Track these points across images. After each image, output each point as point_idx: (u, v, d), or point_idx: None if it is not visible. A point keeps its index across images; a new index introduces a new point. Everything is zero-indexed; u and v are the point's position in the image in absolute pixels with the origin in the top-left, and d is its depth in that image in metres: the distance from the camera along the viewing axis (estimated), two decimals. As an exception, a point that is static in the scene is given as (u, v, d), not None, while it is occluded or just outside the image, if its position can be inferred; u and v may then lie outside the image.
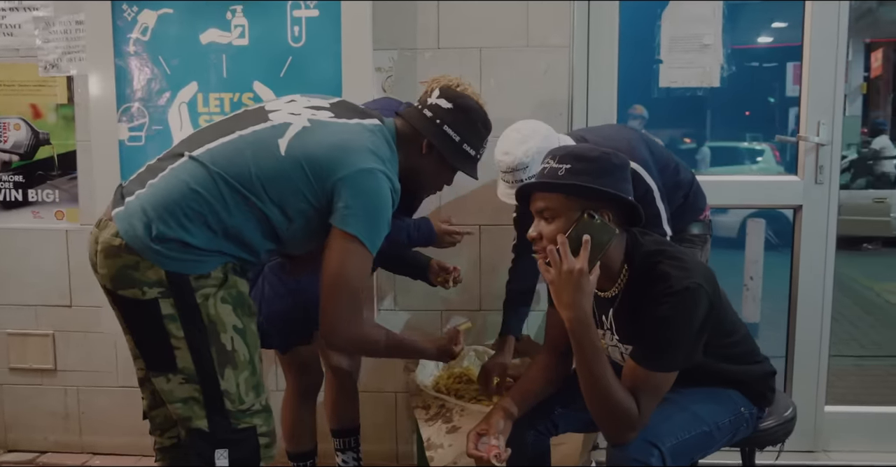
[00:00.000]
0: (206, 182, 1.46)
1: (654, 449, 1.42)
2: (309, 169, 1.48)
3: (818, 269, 2.47)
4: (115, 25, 2.29)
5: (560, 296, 1.40)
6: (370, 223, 1.50)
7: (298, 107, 1.59)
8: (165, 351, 1.48)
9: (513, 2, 2.33)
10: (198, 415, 1.51)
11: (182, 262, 1.45)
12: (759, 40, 10.50)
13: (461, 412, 2.01)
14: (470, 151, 1.70)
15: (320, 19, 2.25)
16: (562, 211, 1.43)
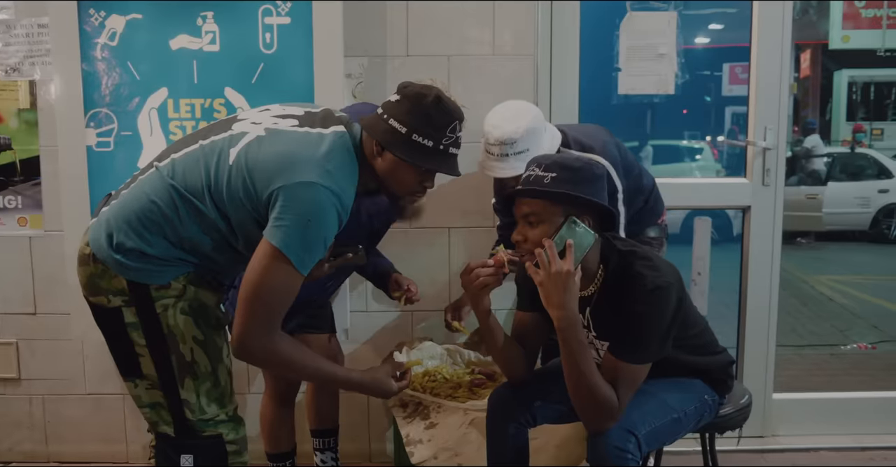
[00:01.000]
0: (162, 193, 1.49)
1: (632, 436, 1.53)
2: (250, 178, 1.45)
3: (766, 266, 2.64)
4: (82, 30, 2.27)
5: (549, 296, 1.49)
6: (300, 239, 1.42)
7: (265, 116, 1.56)
8: (131, 357, 1.53)
9: (480, 12, 2.41)
10: (165, 421, 1.55)
11: (141, 272, 1.48)
12: (696, 41, 10.90)
13: (437, 409, 2.07)
14: (424, 142, 1.51)
15: (292, 26, 2.28)
16: (546, 216, 1.52)
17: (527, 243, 1.54)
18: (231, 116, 1.63)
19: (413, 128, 1.50)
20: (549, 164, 1.54)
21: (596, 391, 1.51)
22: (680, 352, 1.71)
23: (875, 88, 11.69)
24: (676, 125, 12.27)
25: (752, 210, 2.62)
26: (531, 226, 1.54)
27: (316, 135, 1.50)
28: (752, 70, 2.55)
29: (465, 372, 2.27)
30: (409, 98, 1.51)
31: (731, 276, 2.79)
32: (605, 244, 1.62)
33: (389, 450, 2.57)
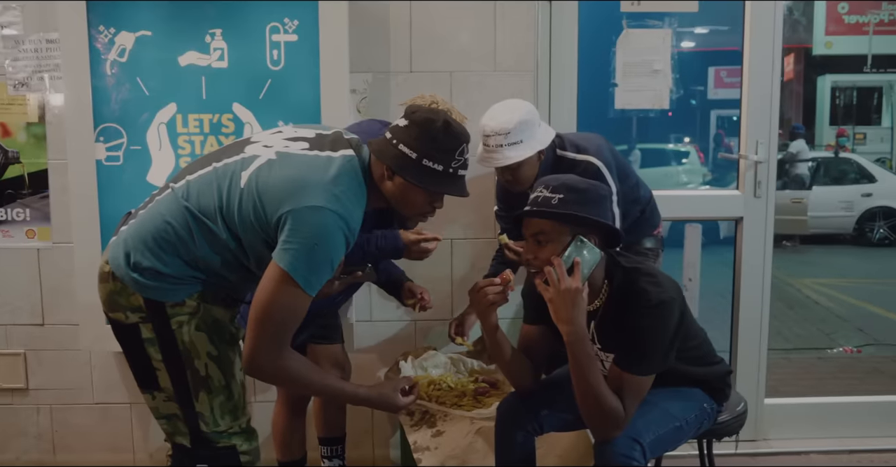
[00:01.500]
0: (177, 214, 1.54)
1: (637, 444, 1.60)
2: (260, 202, 1.48)
3: (758, 275, 2.73)
4: (92, 46, 2.31)
5: (559, 312, 1.56)
6: (307, 262, 1.45)
7: (277, 138, 1.59)
8: (148, 371, 1.59)
9: (481, 30, 2.48)
10: (181, 432, 1.61)
11: (157, 290, 1.53)
12: (681, 45, 11.06)
13: (444, 417, 2.13)
14: (434, 166, 1.54)
15: (299, 43, 2.33)
16: (555, 236, 1.60)
17: (536, 261, 1.61)
18: (244, 139, 1.67)
19: (423, 153, 1.54)
20: (556, 186, 1.61)
21: (603, 401, 1.58)
22: (680, 363, 1.78)
23: (857, 93, 11.89)
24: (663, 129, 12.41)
25: (744, 221, 2.71)
26: (540, 245, 1.61)
27: (325, 158, 1.53)
28: (743, 93, 2.64)
29: (469, 381, 2.33)
30: (418, 124, 1.55)
31: (716, 280, 2.87)
32: (609, 260, 1.69)
33: (393, 456, 2.63)
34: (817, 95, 11.95)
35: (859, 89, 11.83)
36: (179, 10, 2.31)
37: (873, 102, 11.82)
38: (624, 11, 2.61)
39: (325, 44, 2.33)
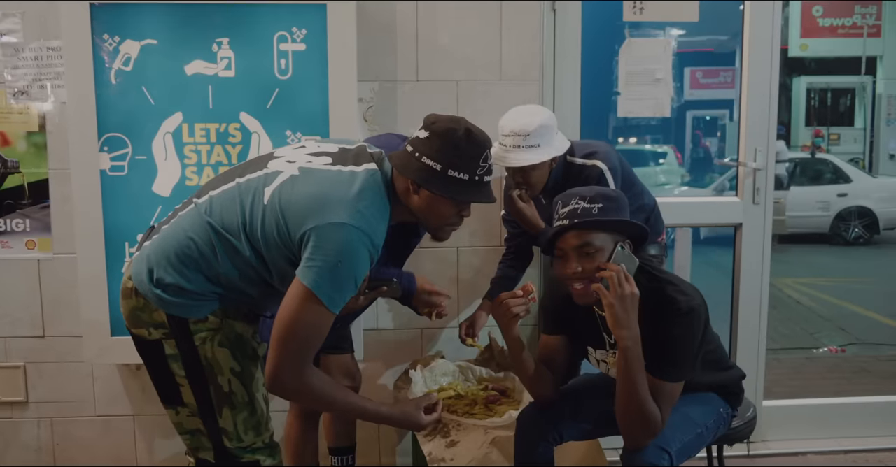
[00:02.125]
0: (200, 230, 1.53)
1: (665, 453, 1.64)
2: (284, 219, 1.48)
3: (756, 280, 2.78)
4: (96, 54, 2.28)
5: (618, 317, 1.58)
6: (331, 280, 1.45)
7: (300, 153, 1.59)
8: (172, 386, 1.59)
9: (487, 40, 2.49)
10: (205, 447, 1.61)
11: (180, 306, 1.53)
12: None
13: (457, 427, 2.13)
14: (460, 176, 1.53)
15: (307, 52, 2.32)
16: (601, 244, 1.64)
17: (585, 272, 1.63)
18: (267, 153, 1.66)
19: (447, 164, 1.52)
20: (592, 196, 1.64)
21: (646, 406, 1.61)
22: (699, 368, 1.82)
23: (832, 94, 12.13)
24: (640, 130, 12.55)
25: (743, 227, 2.76)
26: (588, 257, 1.63)
27: (348, 173, 1.52)
28: (742, 101, 2.69)
29: (479, 389, 2.34)
30: (440, 135, 1.53)
31: (704, 279, 2.91)
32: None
33: (400, 462, 2.63)
34: (793, 97, 12.17)
35: (833, 90, 12.07)
36: (186, 18, 2.28)
37: (847, 103, 12.06)
38: (627, 20, 2.63)
39: (333, 53, 2.32)
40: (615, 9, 2.62)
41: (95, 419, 2.58)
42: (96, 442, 2.59)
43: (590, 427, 1.84)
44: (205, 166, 2.35)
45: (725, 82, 13.12)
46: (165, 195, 2.34)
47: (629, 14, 2.62)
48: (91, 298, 2.37)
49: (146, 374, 2.47)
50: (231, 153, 2.34)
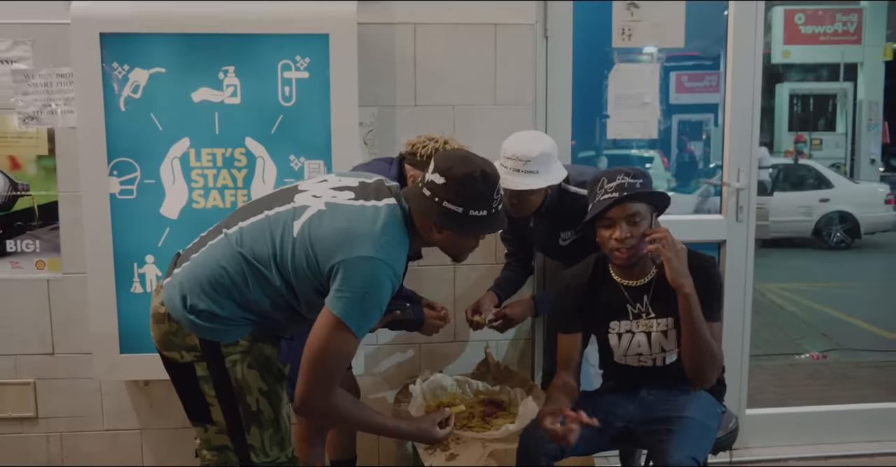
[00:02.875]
0: (231, 260, 1.63)
1: (696, 463, 1.80)
2: (313, 252, 1.58)
3: (740, 293, 2.90)
4: (106, 82, 2.36)
5: (676, 269, 1.85)
6: (359, 309, 1.56)
7: (324, 188, 1.69)
8: (202, 406, 1.68)
9: (483, 66, 2.60)
10: (232, 462, 1.71)
11: (213, 331, 1.63)
12: (644, 51, 11.36)
13: (456, 440, 2.23)
14: (479, 213, 1.65)
15: (310, 80, 2.42)
16: (646, 213, 1.93)
17: (633, 239, 1.90)
18: (292, 186, 1.75)
19: (469, 206, 1.63)
20: (635, 173, 1.93)
21: (711, 344, 1.89)
22: None
23: (814, 100, 12.35)
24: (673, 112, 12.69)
25: (727, 243, 2.88)
26: (635, 225, 1.91)
27: (371, 208, 1.63)
28: (726, 124, 2.82)
29: (476, 402, 2.45)
30: (458, 181, 1.62)
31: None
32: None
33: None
34: (776, 102, 12.37)
35: (815, 96, 12.29)
36: (193, 47, 2.37)
37: (829, 109, 12.28)
38: (615, 47, 2.75)
39: (335, 80, 2.42)
40: (605, 35, 2.73)
41: (103, 433, 2.66)
42: (104, 456, 2.66)
43: (592, 443, 1.96)
44: (211, 190, 2.43)
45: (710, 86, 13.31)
46: (173, 218, 2.43)
47: (618, 41, 2.74)
48: (101, 316, 2.45)
49: (153, 390, 2.61)
50: (237, 177, 2.43)
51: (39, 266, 2.57)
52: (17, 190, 2.54)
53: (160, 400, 2.64)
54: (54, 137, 2.52)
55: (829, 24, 11.61)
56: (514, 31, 2.59)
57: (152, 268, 2.44)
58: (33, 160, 2.53)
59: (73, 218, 2.52)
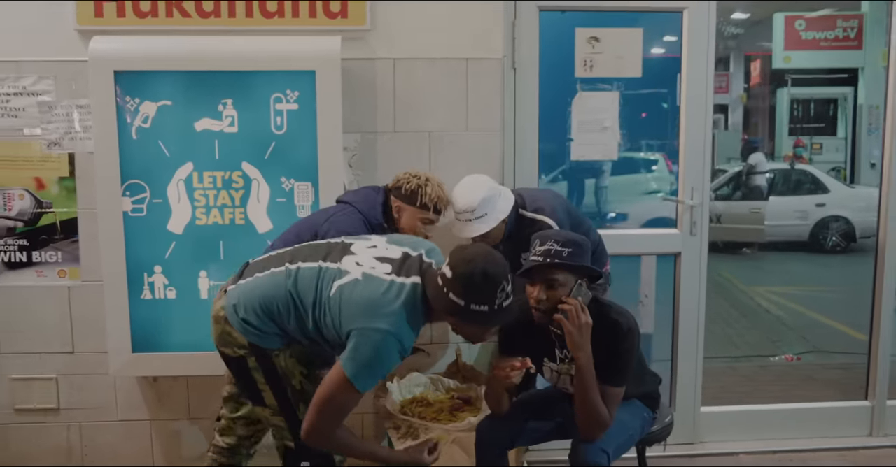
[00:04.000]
0: (282, 295, 1.95)
1: (604, 453, 2.07)
2: (339, 313, 1.87)
3: (694, 301, 3.17)
4: (120, 114, 2.67)
5: (575, 342, 2.01)
6: (365, 371, 1.83)
7: (369, 256, 1.95)
8: (256, 391, 2.04)
9: (455, 96, 2.88)
10: (287, 437, 2.06)
11: (258, 337, 1.97)
12: (651, 52, 11.56)
13: (425, 430, 2.53)
14: (480, 308, 1.83)
15: (299, 111, 2.71)
16: (565, 281, 2.04)
17: (548, 301, 2.04)
18: (346, 244, 2.03)
19: (469, 299, 1.83)
20: (564, 241, 2.04)
21: (599, 408, 2.04)
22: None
23: (815, 105, 12.50)
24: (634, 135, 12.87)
25: (682, 255, 3.15)
26: (552, 288, 2.03)
27: (398, 285, 1.87)
28: (680, 148, 3.08)
29: (447, 398, 2.74)
30: (462, 277, 1.82)
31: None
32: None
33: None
34: (777, 107, 12.53)
35: (816, 101, 12.43)
36: (196, 82, 2.68)
37: (829, 114, 12.42)
38: (578, 76, 3.03)
39: (321, 110, 2.71)
40: (568, 67, 3.01)
41: (117, 423, 2.98)
42: (118, 444, 2.99)
43: (536, 434, 2.26)
44: (212, 208, 2.74)
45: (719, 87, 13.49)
46: (178, 233, 2.74)
47: (580, 71, 3.02)
48: (115, 320, 2.77)
49: (162, 385, 2.93)
50: (234, 197, 2.74)
51: (61, 274, 2.89)
52: (42, 207, 2.86)
53: (167, 394, 2.96)
54: (74, 161, 2.84)
55: (830, 29, 11.74)
56: (483, 64, 2.88)
57: (160, 278, 2.75)
58: (56, 181, 2.85)
59: (91, 232, 2.84)
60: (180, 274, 2.75)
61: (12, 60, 2.79)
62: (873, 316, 3.32)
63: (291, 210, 2.73)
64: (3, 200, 2.84)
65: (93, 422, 2.97)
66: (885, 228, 3.27)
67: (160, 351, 2.77)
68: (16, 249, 2.86)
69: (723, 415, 3.30)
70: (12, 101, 2.79)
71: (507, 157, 2.98)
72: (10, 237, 2.86)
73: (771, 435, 3.28)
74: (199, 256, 2.75)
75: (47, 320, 2.91)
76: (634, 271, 3.92)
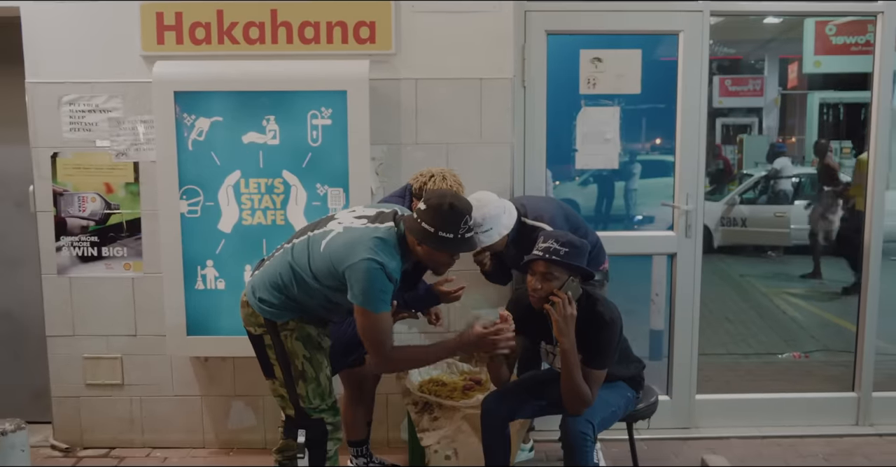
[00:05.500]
0: (285, 268, 2.34)
1: (590, 424, 2.40)
2: (331, 259, 2.24)
3: (689, 297, 3.47)
4: (178, 129, 3.08)
5: (561, 329, 2.35)
6: (368, 297, 2.18)
7: (350, 216, 2.35)
8: (269, 365, 2.41)
9: (470, 112, 3.23)
10: (289, 407, 2.42)
11: (271, 313, 2.34)
12: (651, 69, 11.69)
13: (439, 407, 2.89)
14: (446, 235, 2.21)
15: (332, 126, 3.09)
16: (558, 275, 2.38)
17: (541, 291, 2.38)
18: (330, 215, 2.45)
19: (439, 227, 2.22)
20: (563, 242, 2.38)
21: (581, 387, 2.38)
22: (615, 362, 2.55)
23: (844, 109, 12.51)
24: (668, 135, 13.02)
25: (678, 256, 3.45)
26: (547, 280, 2.37)
27: (373, 229, 2.26)
28: (676, 159, 3.38)
29: (460, 379, 3.09)
30: (432, 207, 2.23)
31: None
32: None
33: (402, 438, 3.38)
34: (807, 111, 12.58)
35: (846, 105, 12.45)
36: (243, 101, 3.08)
37: (860, 118, 12.42)
38: (582, 93, 3.35)
39: (352, 125, 3.08)
40: (573, 84, 3.34)
41: (173, 398, 3.40)
42: (173, 415, 3.41)
43: (535, 408, 2.60)
44: (256, 210, 3.14)
45: (753, 90, 13.57)
46: (227, 232, 3.15)
47: (584, 88, 3.34)
48: (172, 307, 3.18)
49: (212, 365, 3.36)
50: (276, 201, 3.13)
51: (126, 267, 3.32)
52: (111, 209, 3.29)
53: (216, 373, 3.37)
54: (139, 169, 3.26)
55: (861, 34, 11.76)
56: (495, 83, 3.23)
57: (211, 271, 3.16)
58: (123, 186, 3.28)
59: (152, 230, 3.26)
60: (229, 267, 3.16)
61: (87, 82, 3.23)
62: (859, 312, 3.57)
63: (325, 212, 3.09)
64: (77, 202, 3.28)
65: (151, 397, 3.40)
66: (870, 227, 3.52)
67: (211, 334, 3.18)
68: (88, 245, 3.30)
69: (716, 403, 3.59)
70: (87, 117, 3.23)
71: (517, 166, 3.32)
72: (84, 234, 3.29)
73: (762, 422, 3.55)
74: (244, 252, 3.14)
75: (114, 307, 3.34)
76: (646, 271, 4.23)
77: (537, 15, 3.29)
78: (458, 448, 2.80)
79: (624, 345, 2.63)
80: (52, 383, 3.39)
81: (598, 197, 7.78)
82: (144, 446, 3.42)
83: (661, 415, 3.27)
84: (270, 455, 2.53)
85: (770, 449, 3.37)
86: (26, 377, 3.56)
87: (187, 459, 3.32)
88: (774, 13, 3.34)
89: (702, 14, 3.30)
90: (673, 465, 3.23)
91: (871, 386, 3.56)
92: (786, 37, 12.73)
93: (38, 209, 3.28)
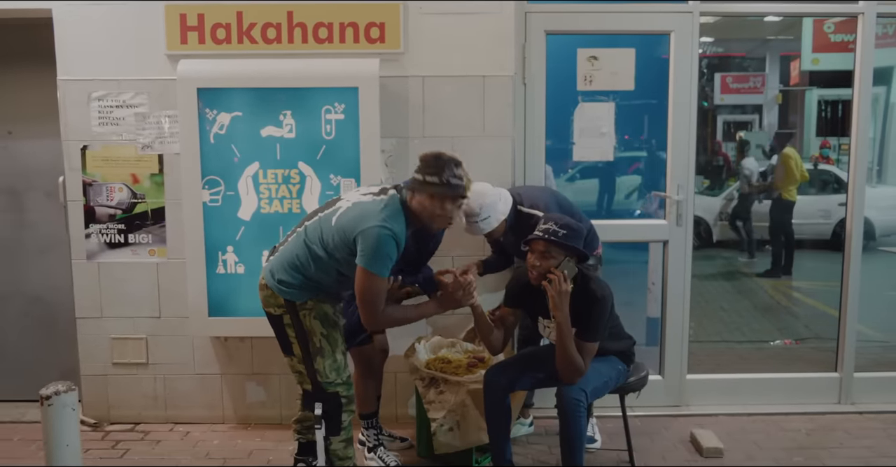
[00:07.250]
0: (300, 248, 2.54)
1: (583, 392, 2.61)
2: (343, 231, 2.45)
3: (680, 283, 3.67)
4: (201, 123, 3.30)
5: (557, 304, 2.57)
6: (373, 258, 2.38)
7: (357, 194, 2.57)
8: (287, 343, 2.60)
9: (473, 107, 3.44)
10: (306, 382, 2.62)
11: (290, 294, 2.54)
12: (644, 66, 11.85)
13: (445, 382, 3.10)
14: (432, 179, 2.41)
15: (345, 120, 3.31)
16: (555, 254, 2.61)
17: (539, 268, 2.61)
18: (338, 197, 2.66)
19: (424, 173, 2.45)
20: (562, 224, 2.61)
21: (575, 358, 2.60)
22: (606, 337, 2.76)
23: (843, 106, 12.68)
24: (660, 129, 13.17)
25: (669, 243, 3.65)
26: (545, 259, 2.60)
27: (379, 200, 2.48)
28: (668, 150, 3.58)
29: (464, 357, 3.30)
30: (422, 159, 2.50)
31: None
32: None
33: (410, 413, 3.59)
34: (805, 108, 12.75)
35: (844, 102, 12.61)
36: (262, 97, 3.29)
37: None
38: (580, 90, 3.55)
39: (363, 119, 3.30)
40: (571, 81, 3.54)
41: (194, 376, 3.62)
42: (194, 393, 3.62)
43: (533, 380, 2.82)
44: (274, 199, 3.35)
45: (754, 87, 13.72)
46: (247, 219, 3.36)
47: (581, 85, 3.55)
48: (195, 290, 3.40)
49: (231, 345, 3.58)
50: (292, 190, 3.35)
51: (151, 253, 3.54)
52: (136, 198, 3.51)
53: (235, 352, 3.59)
54: (163, 160, 3.48)
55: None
56: (497, 80, 3.44)
57: (232, 256, 3.38)
58: (148, 176, 3.50)
59: (176, 218, 3.48)
60: (248, 253, 3.37)
61: (114, 79, 3.44)
62: (842, 296, 3.77)
63: (338, 201, 3.32)
64: (105, 192, 3.50)
65: (174, 375, 3.62)
66: (851, 217, 3.72)
67: (231, 316, 3.40)
68: (115, 232, 3.52)
69: (706, 382, 3.79)
70: (114, 112, 3.45)
71: (517, 159, 3.53)
72: (111, 222, 3.51)
73: (749, 400, 3.75)
74: (263, 239, 3.35)
75: (139, 290, 3.56)
76: (643, 260, 4.42)
77: (537, 16, 3.49)
78: (460, 420, 3.01)
79: (615, 322, 2.85)
80: (81, 362, 3.61)
81: (596, 188, 8.01)
82: (167, 421, 3.64)
83: (654, 394, 3.51)
84: (290, 425, 2.75)
85: (755, 425, 3.58)
86: (57, 356, 3.78)
87: (208, 433, 3.54)
88: (758, 14, 3.56)
89: (691, 15, 3.50)
90: (663, 439, 3.43)
91: (852, 368, 3.76)
92: (786, 35, 12.91)
93: (69, 198, 3.50)
